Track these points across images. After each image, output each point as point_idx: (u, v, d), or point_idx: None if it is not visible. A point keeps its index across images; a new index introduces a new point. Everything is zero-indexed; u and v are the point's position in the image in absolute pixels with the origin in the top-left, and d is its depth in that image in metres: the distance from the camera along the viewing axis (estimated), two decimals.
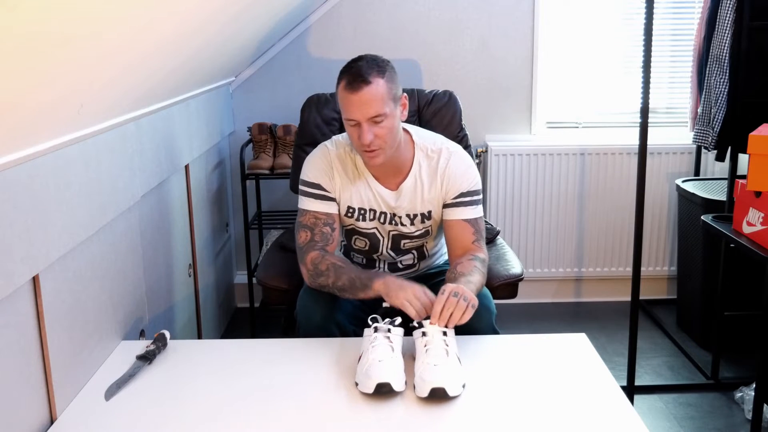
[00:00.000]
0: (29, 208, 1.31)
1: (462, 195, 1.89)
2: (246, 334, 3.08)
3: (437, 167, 1.89)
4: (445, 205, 1.91)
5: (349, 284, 1.77)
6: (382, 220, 1.93)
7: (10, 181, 1.25)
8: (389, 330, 1.59)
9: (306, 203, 1.90)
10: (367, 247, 1.99)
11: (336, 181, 1.90)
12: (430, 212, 1.92)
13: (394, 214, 1.92)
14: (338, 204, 1.92)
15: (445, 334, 1.57)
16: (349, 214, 1.92)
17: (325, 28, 3.20)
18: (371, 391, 1.46)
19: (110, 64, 1.36)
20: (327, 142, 1.95)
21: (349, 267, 1.81)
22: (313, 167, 1.91)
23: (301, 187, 1.92)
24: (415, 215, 1.92)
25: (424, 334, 1.57)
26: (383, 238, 1.96)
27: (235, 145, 3.26)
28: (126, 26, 1.24)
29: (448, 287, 1.64)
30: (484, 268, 1.84)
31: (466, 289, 1.65)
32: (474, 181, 1.90)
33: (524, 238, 3.38)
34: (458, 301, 1.60)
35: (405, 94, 1.83)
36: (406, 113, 1.84)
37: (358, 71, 1.72)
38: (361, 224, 1.94)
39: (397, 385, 1.47)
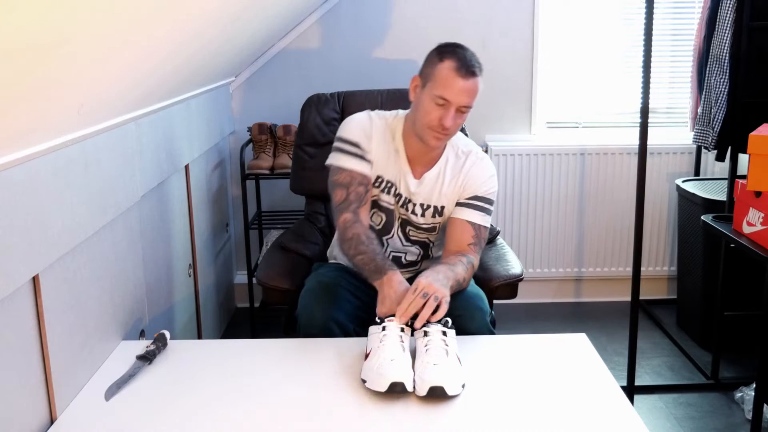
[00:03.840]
0: (29, 208, 1.31)
1: (476, 198, 1.91)
2: (246, 334, 3.08)
3: (462, 166, 1.93)
4: (457, 204, 1.93)
5: (362, 264, 1.80)
6: (398, 200, 1.95)
7: (9, 181, 1.25)
8: (402, 330, 1.59)
9: (342, 160, 1.89)
10: (381, 226, 1.99)
11: (373, 146, 1.90)
12: (443, 207, 1.94)
13: (409, 200, 1.94)
14: (372, 168, 1.92)
15: (445, 334, 1.57)
16: (377, 183, 1.93)
17: (325, 28, 3.20)
18: (384, 389, 1.45)
19: (110, 64, 1.36)
20: (368, 111, 1.96)
21: (370, 246, 1.81)
22: (355, 127, 1.91)
23: (337, 144, 1.92)
24: (429, 206, 1.94)
25: (425, 333, 1.57)
26: (397, 219, 1.98)
27: (235, 145, 3.26)
28: (126, 26, 1.24)
29: (420, 285, 1.65)
30: (470, 268, 1.84)
31: (436, 287, 1.65)
32: (491, 190, 1.93)
33: (524, 238, 3.38)
34: (428, 300, 1.61)
35: None
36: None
37: (470, 61, 1.79)
38: (384, 197, 1.95)
39: (409, 384, 1.47)
